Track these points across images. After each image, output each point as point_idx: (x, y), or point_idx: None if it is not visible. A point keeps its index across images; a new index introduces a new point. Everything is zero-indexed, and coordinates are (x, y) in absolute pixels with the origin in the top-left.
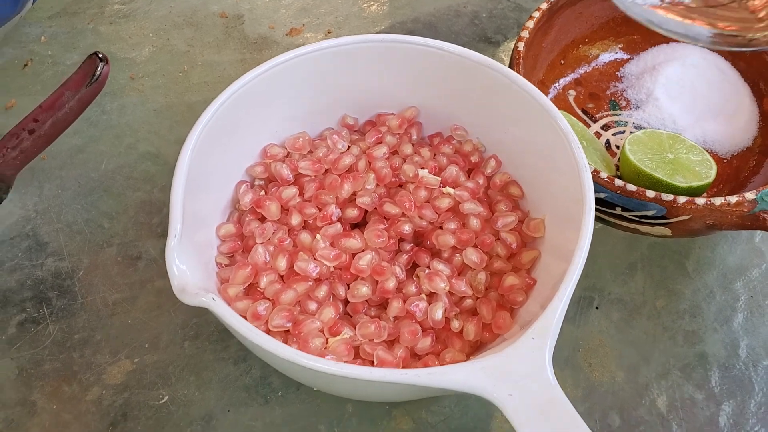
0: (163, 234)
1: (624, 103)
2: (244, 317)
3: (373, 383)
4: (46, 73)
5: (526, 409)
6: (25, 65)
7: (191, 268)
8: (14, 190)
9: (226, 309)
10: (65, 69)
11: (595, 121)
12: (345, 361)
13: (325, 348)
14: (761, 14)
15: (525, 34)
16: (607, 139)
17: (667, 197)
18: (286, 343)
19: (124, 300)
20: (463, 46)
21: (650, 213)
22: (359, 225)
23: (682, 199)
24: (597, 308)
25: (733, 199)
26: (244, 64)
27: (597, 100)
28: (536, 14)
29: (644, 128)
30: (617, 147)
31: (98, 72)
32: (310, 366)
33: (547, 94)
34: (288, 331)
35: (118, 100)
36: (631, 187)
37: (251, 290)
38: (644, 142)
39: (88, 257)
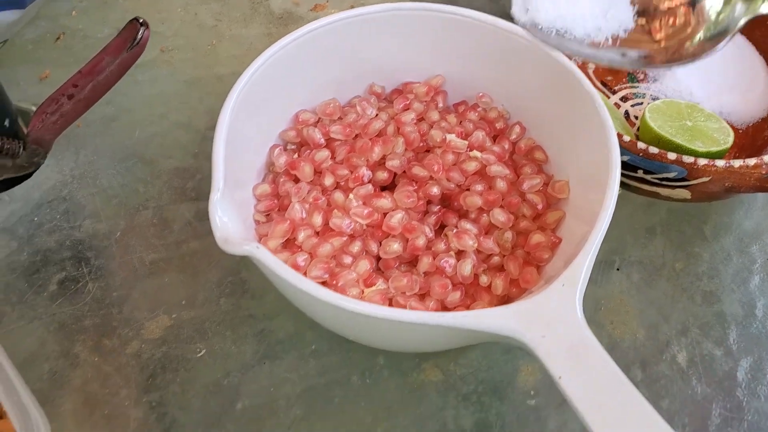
0: (197, 198)
1: (642, 76)
2: None
3: (411, 325)
4: (78, 46)
5: (558, 349)
6: (57, 39)
7: (232, 221)
8: (50, 156)
9: (270, 256)
10: (96, 42)
11: (614, 92)
12: None
13: (362, 298)
14: (658, 37)
15: None
16: (626, 110)
17: (688, 159)
18: None
19: (161, 260)
20: None
21: (671, 175)
22: (388, 188)
23: (702, 161)
24: (618, 270)
25: (752, 161)
26: (271, 38)
27: (615, 72)
28: None
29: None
30: (635, 118)
31: (139, 36)
32: (353, 308)
33: None
34: (325, 282)
35: (150, 72)
36: (653, 150)
37: (289, 245)
38: (663, 110)
39: (124, 220)
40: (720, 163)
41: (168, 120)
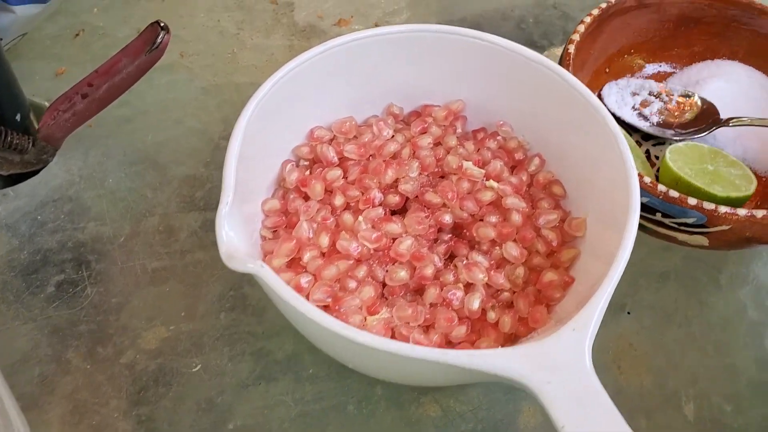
0: (206, 207)
1: None
2: None
3: (412, 360)
4: (97, 44)
5: (563, 397)
6: (77, 35)
7: (238, 236)
8: (59, 154)
9: (273, 276)
10: (115, 41)
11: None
12: None
13: (363, 326)
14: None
15: (576, 37)
16: (647, 149)
17: (709, 206)
18: None
19: (163, 268)
20: None
21: (690, 220)
22: (399, 212)
23: (723, 209)
24: (629, 313)
25: None
26: (292, 51)
27: None
28: (587, 19)
29: (685, 140)
30: (656, 158)
31: (159, 40)
32: (353, 338)
33: None
34: (327, 306)
35: (168, 76)
36: (674, 193)
37: (293, 264)
38: (685, 152)
39: (130, 225)
40: (741, 212)
41: (183, 126)
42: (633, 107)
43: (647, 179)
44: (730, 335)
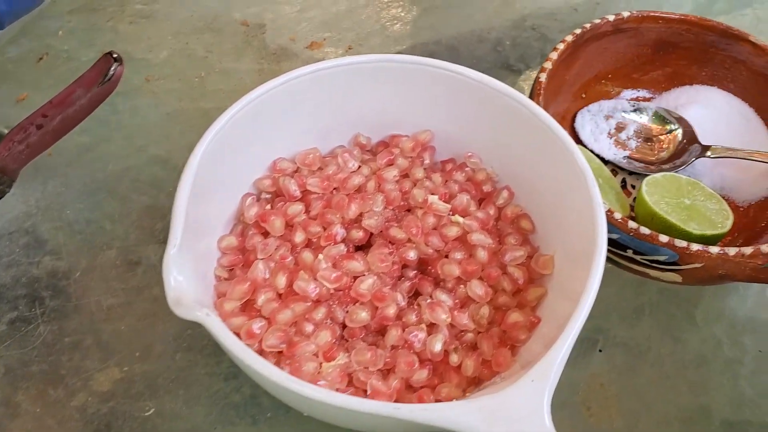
0: (166, 240)
1: None
2: (238, 334)
3: (363, 415)
4: (61, 68)
5: None
6: (40, 59)
7: (188, 279)
8: (17, 185)
9: (219, 326)
10: (80, 65)
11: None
12: (337, 389)
13: (318, 373)
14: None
15: (548, 65)
16: (624, 178)
17: (681, 243)
18: (279, 364)
19: (119, 305)
20: (484, 72)
21: (662, 258)
22: (364, 247)
23: (695, 247)
24: (600, 351)
25: (748, 250)
26: (262, 75)
27: None
28: (561, 46)
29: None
30: (633, 187)
31: (111, 72)
32: (300, 392)
33: (566, 126)
34: (281, 352)
35: (132, 101)
36: (645, 231)
37: (248, 307)
38: (662, 184)
39: (86, 259)
40: (714, 249)
41: (146, 153)
42: (609, 133)
43: (618, 215)
44: (704, 374)
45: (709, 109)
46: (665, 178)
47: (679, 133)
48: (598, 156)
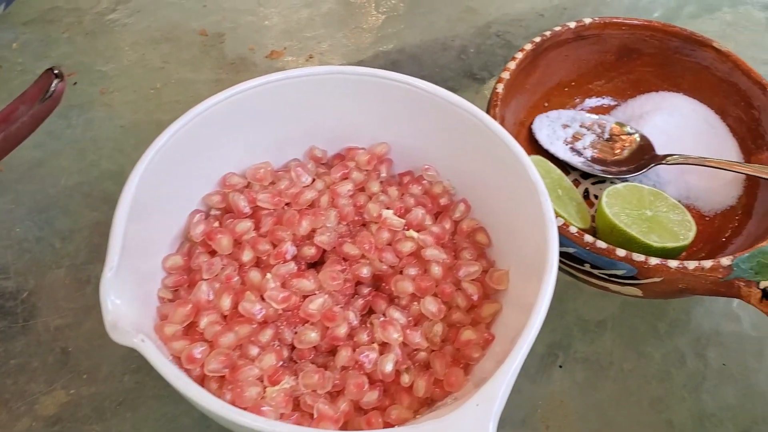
0: None
1: None
2: (180, 359)
3: None
4: (15, 81)
5: None
6: None
7: (129, 301)
8: None
9: (153, 352)
10: (35, 78)
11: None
12: (282, 414)
13: (262, 398)
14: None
15: (506, 75)
16: (586, 188)
17: (639, 257)
18: (221, 389)
19: (67, 326)
20: (447, 80)
21: (620, 272)
22: (317, 264)
23: (653, 261)
24: (560, 367)
25: (708, 264)
26: (219, 85)
27: None
28: (519, 55)
29: (627, 178)
30: (596, 197)
31: (52, 89)
32: (234, 420)
33: (527, 136)
34: (224, 377)
35: (86, 114)
36: (601, 245)
37: (191, 330)
38: (623, 195)
39: (35, 278)
40: (673, 263)
41: (98, 168)
42: (565, 141)
43: (573, 229)
44: (667, 388)
45: (675, 117)
46: (626, 188)
47: (637, 136)
48: (556, 159)
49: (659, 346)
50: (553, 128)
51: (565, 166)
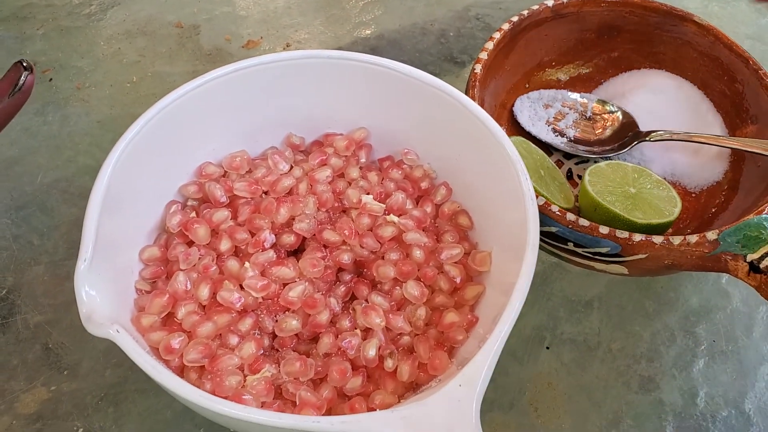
0: None
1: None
2: (158, 350)
3: (284, 430)
4: None
5: None
6: None
7: (105, 294)
8: None
9: (129, 343)
10: None
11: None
12: (264, 402)
13: (243, 387)
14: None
15: (484, 55)
16: (570, 168)
17: (622, 234)
18: (201, 379)
19: (47, 322)
20: (427, 65)
21: (604, 250)
22: (297, 252)
23: (637, 237)
24: (548, 348)
25: (693, 238)
26: (195, 77)
27: None
28: (497, 35)
29: (610, 157)
30: (579, 177)
31: (21, 81)
32: (211, 408)
33: (508, 117)
34: (203, 367)
35: (62, 110)
36: (584, 222)
37: (169, 320)
38: (606, 174)
39: (14, 275)
40: (657, 239)
41: (75, 164)
42: (547, 121)
43: (555, 207)
44: (656, 368)
45: (657, 94)
46: (609, 166)
47: (620, 114)
48: (538, 141)
49: (647, 325)
50: (534, 109)
51: (548, 147)
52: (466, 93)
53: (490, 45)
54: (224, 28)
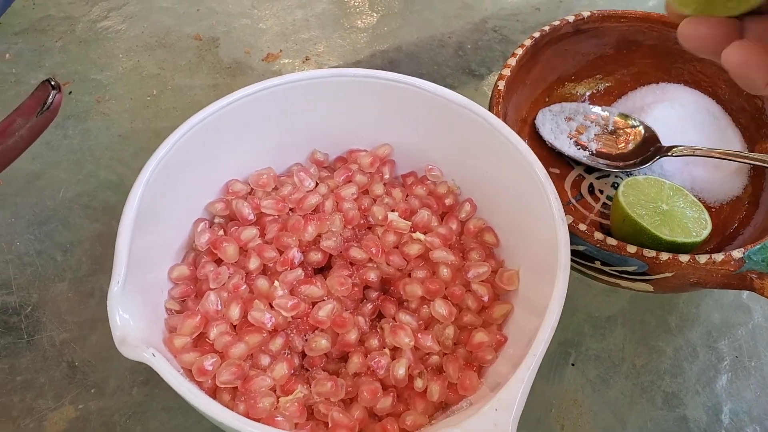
0: None
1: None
2: (191, 371)
3: None
4: (9, 92)
5: None
6: None
7: (136, 315)
8: None
9: (166, 367)
10: (29, 89)
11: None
12: (297, 423)
13: (276, 408)
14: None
15: (506, 72)
16: (591, 183)
17: (649, 253)
18: (234, 400)
19: (73, 340)
20: (445, 78)
21: (631, 269)
22: (324, 269)
23: (664, 256)
24: (573, 365)
25: (719, 257)
26: (216, 90)
27: None
28: (519, 51)
29: (632, 172)
30: (601, 191)
31: (50, 100)
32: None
33: (530, 132)
34: (236, 388)
35: (82, 124)
36: (612, 241)
37: (201, 341)
38: (642, 188)
39: (38, 292)
40: (684, 258)
41: (97, 179)
42: (569, 134)
43: (582, 226)
44: (680, 384)
45: (676, 108)
46: (647, 180)
47: (642, 128)
48: (559, 153)
49: (670, 341)
50: (556, 122)
51: (569, 161)
52: (490, 109)
53: (512, 61)
54: (243, 40)
